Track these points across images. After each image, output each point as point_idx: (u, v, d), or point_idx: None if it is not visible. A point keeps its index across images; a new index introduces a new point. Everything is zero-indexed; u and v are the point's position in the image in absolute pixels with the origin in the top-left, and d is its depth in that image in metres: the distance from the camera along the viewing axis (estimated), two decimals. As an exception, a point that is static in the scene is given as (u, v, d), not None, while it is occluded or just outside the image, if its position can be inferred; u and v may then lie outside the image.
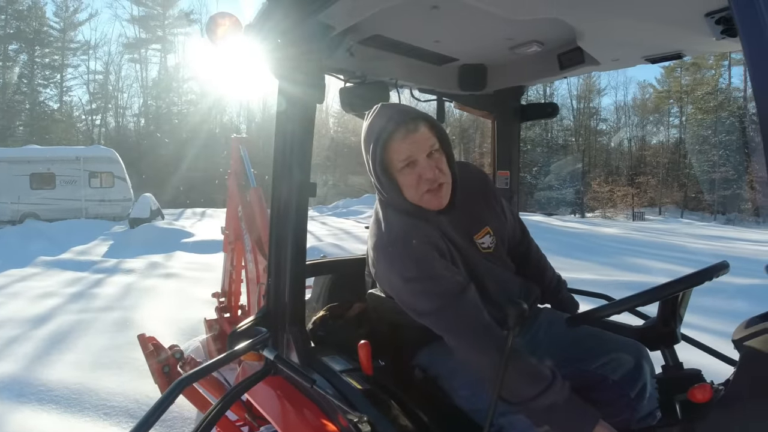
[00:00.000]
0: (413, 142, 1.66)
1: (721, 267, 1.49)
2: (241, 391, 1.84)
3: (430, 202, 1.72)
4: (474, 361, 1.59)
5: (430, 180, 1.68)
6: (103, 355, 5.34)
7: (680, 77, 46.15)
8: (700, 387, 1.33)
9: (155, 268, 11.24)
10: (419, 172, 1.67)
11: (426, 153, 1.67)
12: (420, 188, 1.69)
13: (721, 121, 40.24)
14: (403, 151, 1.66)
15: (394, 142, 1.66)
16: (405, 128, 1.65)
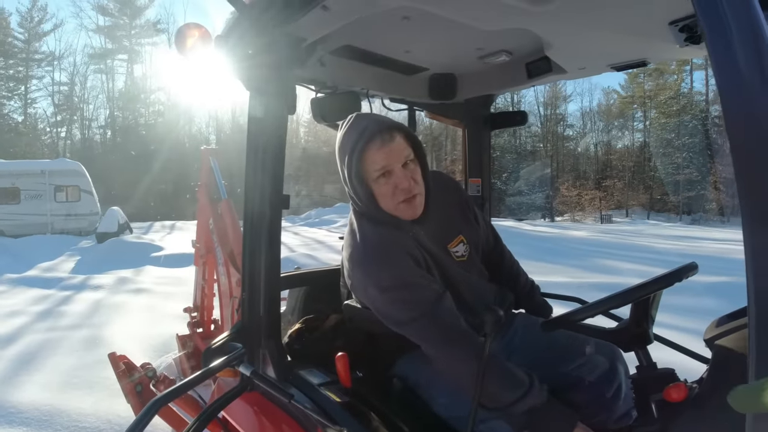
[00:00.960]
0: (389, 152, 1.66)
1: (690, 268, 1.52)
2: (217, 409, 1.81)
3: (405, 212, 1.73)
4: (453, 369, 1.60)
5: (405, 190, 1.69)
6: (73, 375, 5.20)
7: (643, 83, 47.28)
8: (675, 386, 1.35)
9: (124, 284, 11.01)
10: (395, 182, 1.68)
11: (401, 163, 1.68)
12: (395, 198, 1.70)
13: (684, 125, 41.28)
14: (379, 161, 1.66)
15: (370, 152, 1.66)
16: (381, 138, 1.66)
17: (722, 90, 0.84)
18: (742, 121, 0.82)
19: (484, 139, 2.85)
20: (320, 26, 1.76)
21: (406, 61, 2.40)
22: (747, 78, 0.81)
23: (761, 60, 0.81)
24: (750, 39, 0.82)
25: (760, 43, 0.81)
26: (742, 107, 0.82)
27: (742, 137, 0.82)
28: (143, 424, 1.48)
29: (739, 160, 0.82)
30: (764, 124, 0.80)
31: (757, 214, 0.80)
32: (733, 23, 0.83)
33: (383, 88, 2.56)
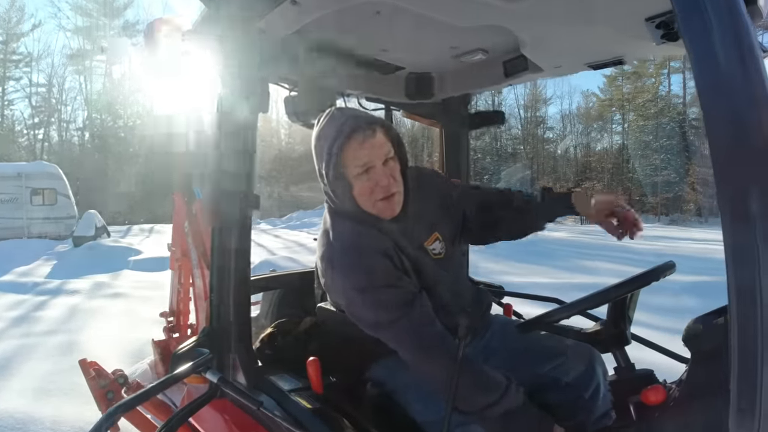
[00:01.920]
0: (371, 147, 1.61)
1: (667, 267, 1.51)
2: (185, 416, 1.75)
3: (384, 211, 1.69)
4: (428, 372, 1.57)
5: (385, 188, 1.64)
6: (48, 381, 5.09)
7: (622, 86, 47.85)
8: (652, 389, 1.33)
9: (101, 288, 10.83)
10: (375, 179, 1.63)
11: (382, 160, 1.64)
12: (374, 196, 1.65)
13: (662, 127, 41.87)
14: (360, 157, 1.61)
15: (351, 148, 1.60)
16: (363, 133, 1.60)
17: (701, 87, 0.81)
18: (723, 119, 0.80)
19: (462, 139, 2.82)
20: (291, 22, 1.72)
21: (383, 60, 2.36)
22: (727, 73, 0.79)
23: (743, 54, 0.79)
24: (730, 31, 0.79)
25: (741, 35, 0.79)
26: (722, 105, 0.80)
27: (722, 136, 0.80)
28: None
29: (719, 158, 0.80)
30: (745, 121, 0.78)
31: (736, 212, 0.78)
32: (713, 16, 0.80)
33: (359, 87, 2.53)
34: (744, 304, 0.78)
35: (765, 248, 0.76)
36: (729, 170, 0.79)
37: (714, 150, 0.79)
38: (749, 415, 0.78)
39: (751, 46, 0.78)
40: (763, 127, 0.77)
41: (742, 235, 0.78)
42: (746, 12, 0.82)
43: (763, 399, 0.77)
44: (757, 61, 0.78)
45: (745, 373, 0.78)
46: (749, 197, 0.77)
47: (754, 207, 0.76)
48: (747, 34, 0.78)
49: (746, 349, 0.78)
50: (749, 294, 0.77)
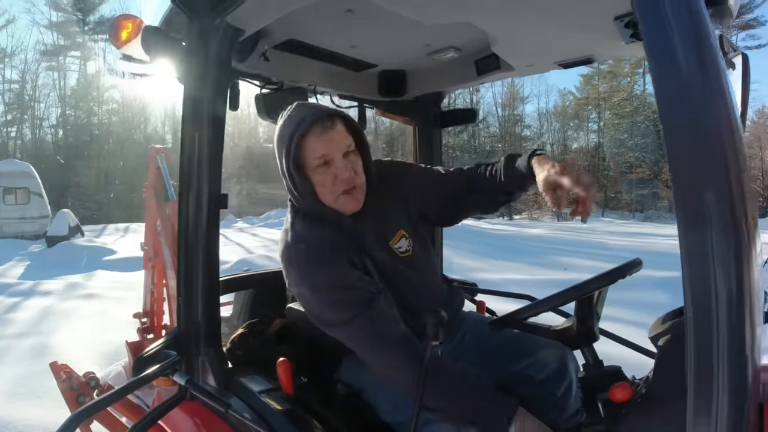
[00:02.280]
0: (329, 140, 1.59)
1: (633, 265, 1.52)
2: (153, 419, 1.72)
3: (346, 205, 1.67)
4: (388, 374, 1.57)
5: (346, 181, 1.62)
6: (20, 385, 5.01)
7: (598, 84, 48.53)
8: (619, 386, 1.33)
9: (75, 289, 10.64)
10: (335, 172, 1.61)
11: (342, 152, 1.62)
12: (335, 189, 1.63)
13: (637, 125, 42.56)
14: (319, 148, 1.58)
15: (310, 140, 1.58)
16: (322, 125, 1.58)
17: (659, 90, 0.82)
18: (680, 122, 0.80)
19: (435, 136, 2.82)
20: (258, 17, 1.69)
21: (354, 57, 2.35)
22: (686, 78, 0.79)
23: (702, 59, 0.79)
24: (690, 34, 0.80)
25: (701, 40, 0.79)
26: (679, 108, 0.80)
27: (679, 139, 0.80)
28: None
29: (675, 161, 0.80)
30: (703, 125, 0.78)
31: (690, 215, 0.79)
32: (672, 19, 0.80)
33: (331, 84, 2.51)
34: (699, 305, 0.78)
35: (719, 251, 0.76)
36: (685, 173, 0.80)
37: (670, 154, 0.79)
38: (705, 414, 0.79)
39: (710, 48, 0.79)
40: (721, 132, 0.77)
41: (696, 237, 0.78)
42: (707, 13, 0.82)
43: (719, 399, 0.77)
44: (717, 63, 0.79)
45: (701, 373, 0.79)
46: (704, 200, 0.77)
47: (709, 210, 0.77)
48: (706, 36, 0.79)
49: (702, 349, 0.79)
50: (704, 296, 0.78)
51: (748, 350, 0.77)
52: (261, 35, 1.95)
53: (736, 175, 0.77)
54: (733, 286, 0.76)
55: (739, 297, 0.76)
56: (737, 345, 0.76)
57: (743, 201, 0.77)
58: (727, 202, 0.76)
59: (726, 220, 0.76)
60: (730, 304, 0.76)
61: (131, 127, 47.49)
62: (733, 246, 0.76)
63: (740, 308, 0.76)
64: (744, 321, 0.76)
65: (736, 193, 0.76)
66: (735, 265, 0.76)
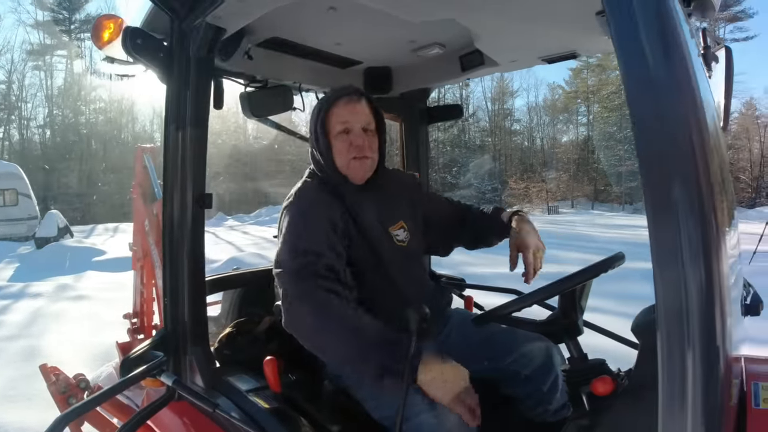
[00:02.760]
0: (352, 111, 1.81)
1: (616, 258, 1.53)
2: (142, 419, 1.72)
3: (355, 171, 1.84)
4: (298, 324, 1.58)
5: (359, 147, 1.81)
6: (11, 388, 4.99)
7: (587, 78, 48.69)
8: (601, 380, 1.34)
9: (64, 291, 10.55)
10: (351, 139, 1.80)
11: (361, 125, 1.82)
12: (349, 154, 1.81)
13: (626, 118, 42.53)
14: (342, 115, 1.81)
15: (336, 107, 1.82)
16: (348, 97, 1.83)
17: (627, 82, 0.83)
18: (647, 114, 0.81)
19: (421, 133, 2.83)
20: (239, 16, 1.69)
21: (339, 54, 2.35)
22: (651, 70, 0.80)
23: (668, 51, 0.80)
24: (655, 28, 0.80)
25: (666, 33, 0.80)
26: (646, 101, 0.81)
27: (647, 134, 0.81)
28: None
29: (643, 156, 0.81)
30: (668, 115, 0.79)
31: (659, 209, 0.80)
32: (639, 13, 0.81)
33: (316, 82, 2.51)
34: (669, 296, 0.80)
35: (688, 244, 0.77)
36: (652, 166, 0.81)
37: (639, 146, 0.80)
38: (679, 407, 0.80)
39: (677, 41, 0.80)
40: (688, 126, 0.78)
41: (666, 231, 0.79)
42: (676, 6, 0.83)
43: (692, 391, 0.78)
44: (683, 55, 0.80)
45: (672, 365, 0.80)
46: (672, 193, 0.78)
47: (678, 205, 0.78)
48: (674, 31, 0.80)
49: (672, 340, 0.80)
50: (674, 290, 0.79)
51: (719, 341, 0.78)
52: (244, 33, 1.94)
53: (704, 167, 0.78)
54: (702, 279, 0.77)
55: (709, 289, 0.77)
56: (708, 337, 0.78)
57: (712, 193, 0.78)
58: (694, 194, 0.77)
59: (694, 213, 0.77)
60: (699, 296, 0.77)
61: (119, 126, 47.13)
62: (701, 238, 0.77)
63: (710, 300, 0.77)
64: (714, 312, 0.77)
65: (705, 186, 0.77)
66: (704, 257, 0.77)
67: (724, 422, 0.84)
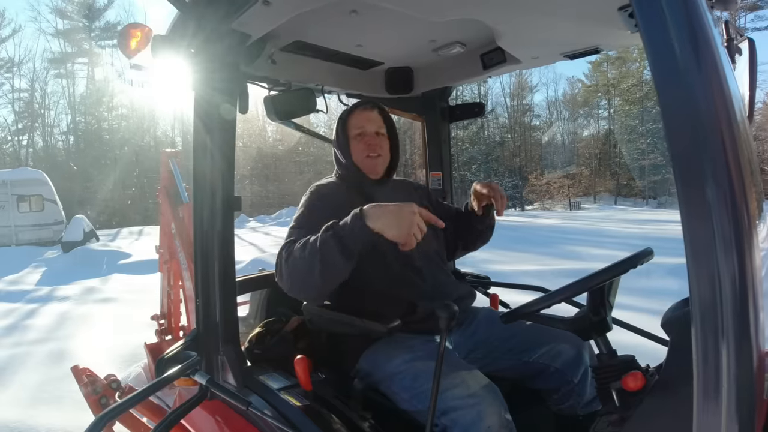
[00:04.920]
0: (366, 118, 2.13)
1: (644, 254, 1.52)
2: (176, 419, 1.76)
3: (369, 167, 2.12)
4: (289, 283, 1.72)
5: (372, 146, 2.10)
6: (41, 390, 5.06)
7: (607, 71, 48.13)
8: (631, 375, 1.34)
9: (91, 294, 10.75)
10: (366, 140, 2.10)
11: (374, 130, 2.12)
12: (364, 152, 2.10)
13: (648, 111, 42.12)
14: (358, 121, 2.13)
15: (354, 115, 2.15)
16: (363, 107, 2.16)
17: (657, 78, 0.83)
18: (678, 108, 0.81)
19: (443, 132, 2.84)
20: (264, 22, 1.72)
21: (360, 56, 2.37)
22: (682, 65, 0.80)
23: (697, 45, 0.80)
24: (684, 22, 0.81)
25: (694, 27, 0.80)
26: (677, 95, 0.81)
27: (678, 128, 0.82)
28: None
29: (675, 147, 0.81)
30: (700, 112, 0.79)
31: (693, 205, 0.80)
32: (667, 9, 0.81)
33: (338, 84, 2.54)
34: (703, 291, 0.80)
35: (721, 238, 0.77)
36: (685, 163, 0.81)
37: (671, 143, 0.81)
38: (713, 400, 0.80)
39: (705, 37, 0.80)
40: (718, 119, 0.78)
41: (700, 226, 0.80)
42: (703, 2, 0.83)
43: (726, 384, 0.79)
44: (712, 51, 0.80)
45: (707, 359, 0.80)
46: (706, 189, 0.79)
47: (711, 199, 0.78)
48: (702, 25, 0.80)
49: (707, 334, 0.80)
50: (709, 284, 0.79)
51: (752, 335, 0.78)
52: (268, 39, 1.97)
53: (735, 160, 0.78)
54: (735, 272, 0.77)
55: (742, 282, 0.77)
56: (741, 330, 0.78)
57: (743, 186, 0.78)
58: (726, 187, 0.77)
59: (727, 206, 0.77)
60: (733, 289, 0.77)
61: (141, 131, 47.75)
62: (734, 232, 0.77)
63: (743, 294, 0.77)
64: (747, 306, 0.78)
65: (736, 179, 0.78)
66: (737, 251, 0.77)
67: (757, 416, 0.84)
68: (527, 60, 2.27)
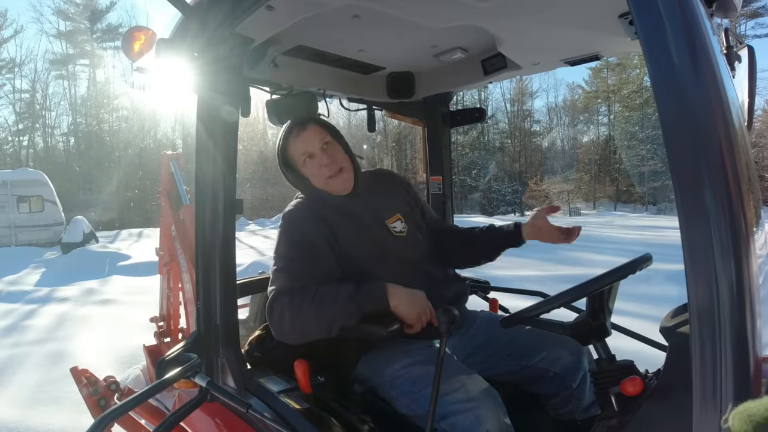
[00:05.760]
0: (305, 139, 1.96)
1: (643, 260, 1.53)
2: (175, 421, 1.76)
3: (336, 186, 1.97)
4: (287, 332, 1.73)
5: (329, 165, 1.94)
6: (40, 391, 5.07)
7: (607, 77, 48.22)
8: (630, 380, 1.35)
9: (90, 295, 10.72)
10: (318, 161, 1.95)
11: (319, 146, 1.95)
12: (323, 174, 1.95)
13: (647, 117, 42.15)
14: (298, 147, 1.96)
15: (290, 144, 1.98)
16: (296, 129, 1.98)
17: (656, 86, 0.84)
18: (677, 115, 0.82)
19: (444, 136, 2.85)
20: (267, 27, 1.73)
21: (362, 60, 2.38)
22: (680, 72, 0.81)
23: (695, 54, 0.81)
24: (682, 30, 0.82)
25: (693, 35, 0.81)
26: (675, 102, 0.82)
27: (676, 133, 0.83)
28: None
29: (673, 154, 0.82)
30: (698, 119, 0.80)
31: (691, 210, 0.81)
32: (666, 16, 0.83)
33: (340, 88, 2.54)
34: (702, 296, 0.81)
35: (719, 245, 0.79)
36: (683, 170, 0.82)
37: (669, 150, 0.82)
38: (711, 404, 0.81)
39: (703, 45, 0.81)
40: (716, 127, 0.80)
41: (697, 232, 0.81)
42: (702, 11, 0.84)
43: (723, 389, 0.79)
44: (710, 59, 0.81)
45: (705, 364, 0.81)
46: (703, 196, 0.80)
47: (708, 206, 0.79)
48: (700, 33, 0.81)
49: (704, 339, 0.81)
50: (706, 289, 0.80)
51: (749, 341, 0.79)
52: (270, 43, 1.98)
53: (733, 167, 0.79)
54: (733, 278, 0.78)
55: (739, 288, 0.78)
56: (739, 336, 0.79)
57: (740, 193, 0.79)
58: (724, 195, 0.78)
59: (724, 213, 0.78)
60: (731, 295, 0.78)
61: (142, 133, 47.77)
62: (731, 238, 0.78)
63: (740, 299, 0.78)
64: (745, 311, 0.79)
65: (733, 186, 0.79)
66: (734, 257, 0.78)
67: None
68: (528, 66, 2.29)
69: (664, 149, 0.85)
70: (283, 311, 1.69)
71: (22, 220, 22.22)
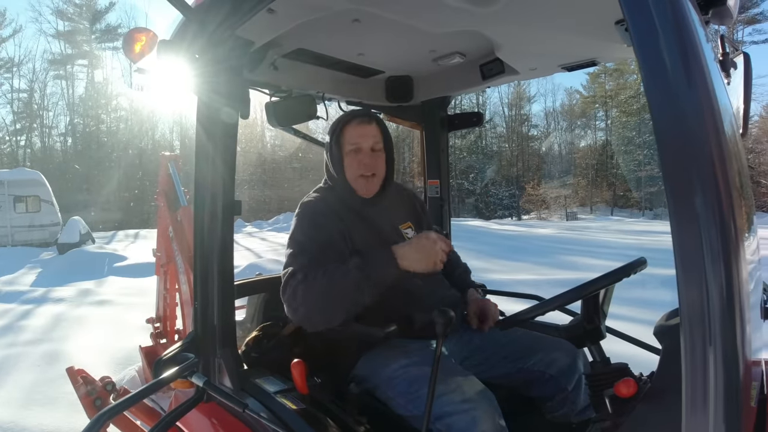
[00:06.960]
0: (362, 133, 1.99)
1: (638, 263, 1.55)
2: (171, 420, 1.76)
3: (362, 187, 2.01)
4: (302, 317, 1.75)
5: (367, 166, 1.99)
6: (35, 391, 5.05)
7: (605, 82, 48.34)
8: (624, 382, 1.36)
9: (86, 296, 10.65)
10: (360, 158, 1.99)
11: (370, 146, 1.99)
12: (357, 171, 1.99)
13: (645, 122, 42.22)
14: (354, 136, 1.99)
15: (349, 128, 2.01)
16: (359, 119, 2.01)
17: (649, 93, 0.85)
18: (669, 123, 0.84)
19: (442, 140, 2.87)
20: (268, 30, 1.75)
21: (361, 64, 2.40)
22: (672, 80, 0.83)
23: (688, 61, 0.83)
24: (675, 39, 0.83)
25: (686, 43, 0.83)
26: (668, 110, 0.84)
27: (668, 139, 0.84)
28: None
29: (666, 160, 0.84)
30: (690, 125, 0.82)
31: (682, 215, 0.82)
32: (660, 25, 0.84)
33: (339, 91, 2.56)
34: (692, 301, 0.82)
35: (709, 250, 0.80)
36: (675, 176, 0.83)
37: (662, 156, 0.83)
38: (702, 407, 0.82)
39: (696, 54, 0.82)
40: (708, 135, 0.81)
41: (689, 237, 0.82)
42: (696, 18, 0.86)
43: (714, 392, 0.81)
44: (702, 68, 0.83)
45: (695, 367, 0.83)
46: (695, 201, 0.81)
47: (699, 211, 0.81)
48: (693, 41, 0.83)
49: (695, 343, 0.82)
50: (697, 293, 0.81)
51: (739, 344, 0.81)
52: (270, 46, 2.00)
53: (724, 174, 0.81)
54: (723, 283, 0.79)
55: (729, 293, 0.79)
56: (729, 340, 0.80)
57: (731, 199, 0.81)
58: (714, 201, 0.80)
59: (715, 219, 0.80)
60: (721, 299, 0.79)
61: (140, 134, 47.70)
62: (721, 244, 0.80)
63: (730, 303, 0.79)
64: (734, 315, 0.80)
65: (724, 192, 0.80)
66: (724, 262, 0.79)
67: (744, 423, 0.86)
68: (525, 71, 2.31)
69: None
70: (296, 289, 1.71)
71: (18, 221, 22.15)
